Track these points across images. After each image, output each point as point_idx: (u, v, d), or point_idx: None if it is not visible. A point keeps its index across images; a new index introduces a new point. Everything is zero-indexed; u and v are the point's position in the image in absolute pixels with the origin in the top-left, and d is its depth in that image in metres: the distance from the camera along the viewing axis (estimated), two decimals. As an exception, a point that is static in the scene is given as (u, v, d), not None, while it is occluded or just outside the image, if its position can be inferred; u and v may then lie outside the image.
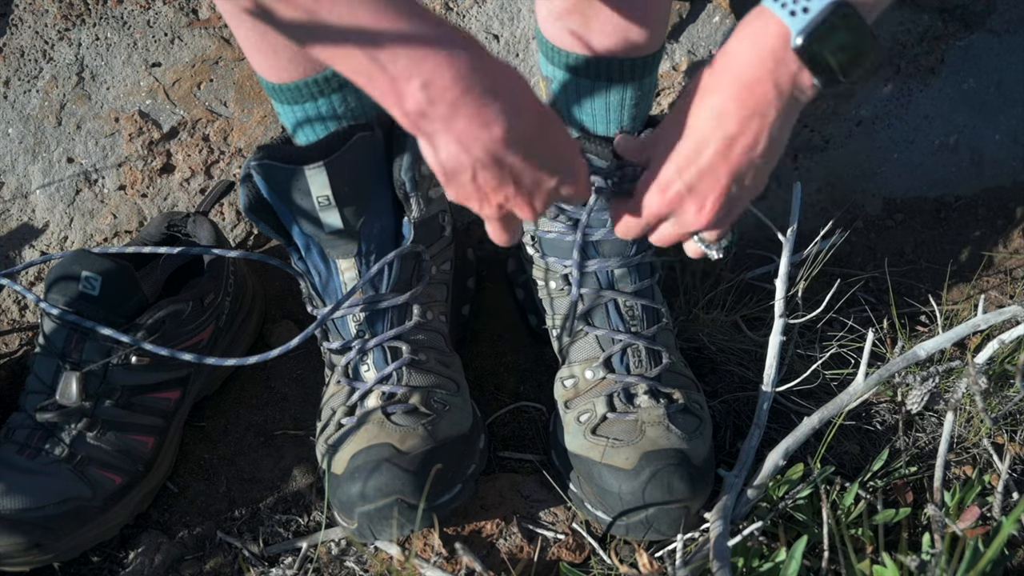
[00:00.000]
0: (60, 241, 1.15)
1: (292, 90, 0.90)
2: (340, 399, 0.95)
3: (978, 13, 1.30)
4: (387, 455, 0.87)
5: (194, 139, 1.16)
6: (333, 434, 0.93)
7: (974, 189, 1.36)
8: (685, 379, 0.99)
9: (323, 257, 0.95)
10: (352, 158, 0.90)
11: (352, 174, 0.90)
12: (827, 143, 1.32)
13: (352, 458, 0.88)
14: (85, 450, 0.94)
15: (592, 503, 0.93)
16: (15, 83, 1.11)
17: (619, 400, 0.95)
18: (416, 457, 0.87)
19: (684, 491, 0.89)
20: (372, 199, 0.94)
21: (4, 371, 1.08)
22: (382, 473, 0.86)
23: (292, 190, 0.90)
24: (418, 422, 0.90)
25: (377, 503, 0.86)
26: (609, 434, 0.93)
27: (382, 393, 0.93)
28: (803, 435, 0.94)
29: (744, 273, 1.22)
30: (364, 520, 0.87)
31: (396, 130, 0.94)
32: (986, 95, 1.35)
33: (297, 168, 0.88)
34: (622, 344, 0.98)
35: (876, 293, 1.21)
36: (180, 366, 1.00)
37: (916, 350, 0.97)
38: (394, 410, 0.91)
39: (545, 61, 0.94)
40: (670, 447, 0.91)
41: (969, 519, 0.90)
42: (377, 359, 0.95)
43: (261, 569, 0.94)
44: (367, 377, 0.95)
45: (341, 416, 0.93)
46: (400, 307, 0.97)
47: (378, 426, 0.90)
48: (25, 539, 0.89)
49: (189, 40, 1.13)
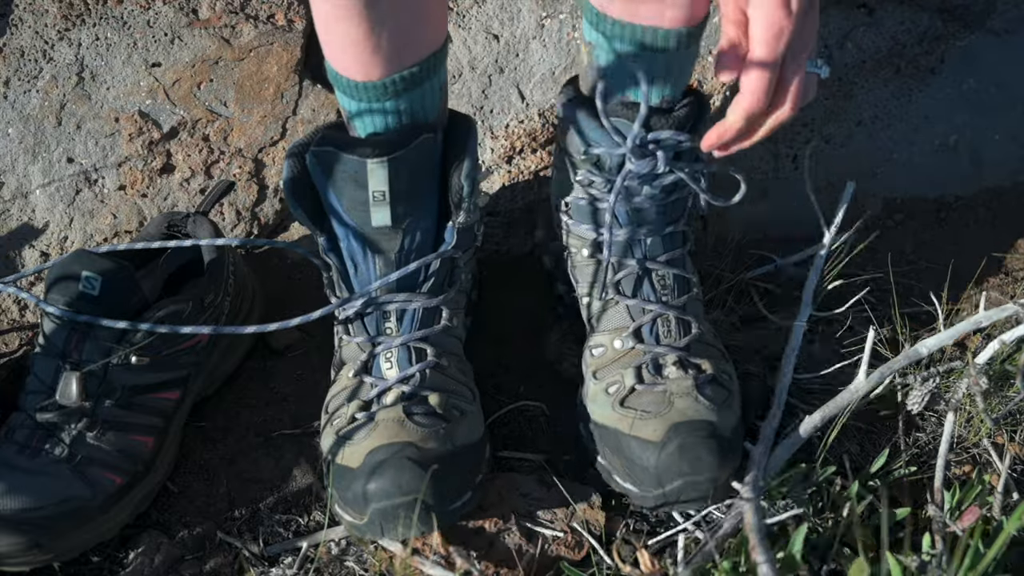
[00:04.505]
0: (60, 241, 1.15)
1: (376, 88, 0.88)
2: (355, 394, 0.94)
3: (978, 13, 1.31)
4: (409, 454, 0.86)
5: (194, 139, 1.16)
6: (345, 427, 0.92)
7: (974, 189, 1.36)
8: (714, 349, 0.99)
9: (362, 250, 0.94)
10: (414, 158, 0.89)
11: (410, 173, 0.90)
12: (827, 143, 1.32)
13: (371, 453, 0.87)
14: (85, 450, 0.94)
15: (620, 475, 0.93)
16: (15, 83, 1.11)
17: (647, 371, 0.95)
18: (437, 459, 0.86)
19: (712, 462, 0.88)
20: (422, 200, 0.93)
21: (4, 371, 1.08)
22: (405, 471, 0.85)
23: (347, 180, 0.89)
24: (438, 425, 0.90)
25: (395, 500, 0.85)
26: (637, 406, 0.93)
27: (402, 392, 0.92)
28: (806, 434, 0.94)
29: (744, 273, 1.22)
30: (377, 516, 0.86)
31: (451, 134, 0.94)
32: (986, 95, 1.35)
33: (360, 160, 0.88)
34: (652, 314, 0.97)
35: (876, 293, 1.21)
36: (181, 366, 1.00)
37: (918, 347, 0.97)
38: (415, 411, 0.91)
39: (589, 27, 0.94)
40: (698, 418, 0.91)
41: (969, 519, 0.90)
42: (401, 358, 0.94)
43: (261, 569, 0.94)
44: (388, 375, 0.94)
45: (355, 411, 0.92)
46: (430, 310, 0.96)
47: (399, 424, 0.89)
48: (25, 539, 0.89)
49: (189, 40, 1.13)
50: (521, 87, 1.23)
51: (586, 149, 0.97)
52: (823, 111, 1.31)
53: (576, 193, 1.00)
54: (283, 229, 1.22)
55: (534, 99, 1.23)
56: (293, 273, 1.20)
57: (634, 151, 0.93)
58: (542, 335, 1.14)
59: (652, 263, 0.98)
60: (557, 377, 1.10)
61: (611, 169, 0.97)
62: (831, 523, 0.92)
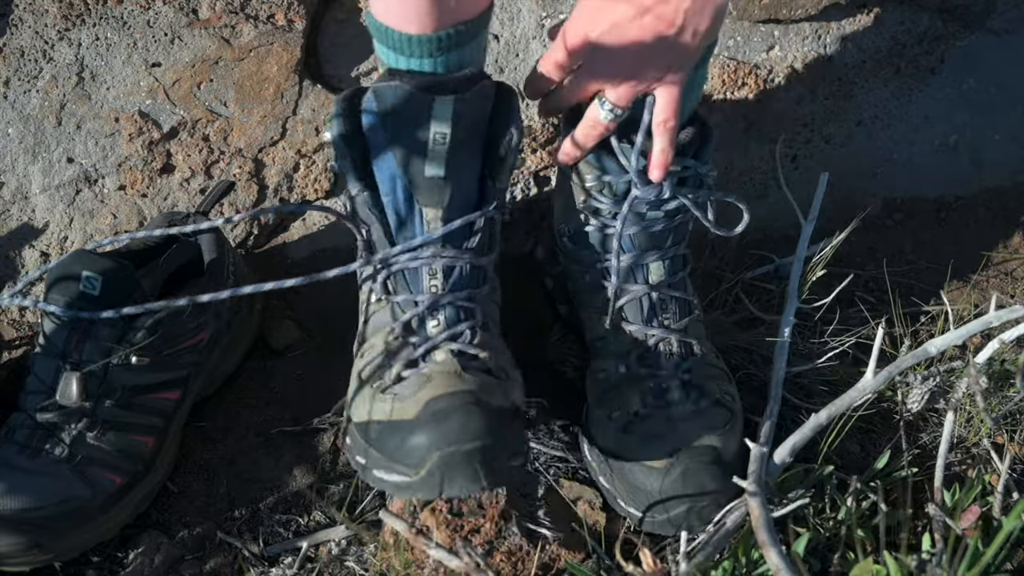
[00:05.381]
0: (60, 241, 1.15)
1: (431, 41, 0.86)
2: (398, 353, 0.89)
3: (978, 13, 1.31)
4: (473, 400, 0.82)
5: (194, 139, 1.16)
6: (391, 385, 0.87)
7: (974, 189, 1.36)
8: (717, 370, 0.99)
9: (408, 202, 0.90)
10: (477, 102, 0.87)
11: (471, 118, 0.88)
12: (827, 143, 1.32)
13: (430, 402, 0.82)
14: (85, 450, 0.94)
15: (624, 500, 0.94)
16: (15, 83, 1.11)
17: (650, 397, 0.95)
18: (498, 413, 0.82)
19: (715, 487, 0.89)
20: (473, 153, 0.91)
21: (4, 371, 1.08)
22: (472, 416, 0.80)
23: (409, 120, 0.86)
24: (493, 380, 0.86)
25: (463, 446, 0.80)
26: (640, 431, 0.93)
27: (451, 350, 0.88)
28: (810, 432, 0.94)
29: (744, 273, 1.22)
30: (439, 467, 0.80)
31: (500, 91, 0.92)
32: (986, 95, 1.35)
33: (426, 96, 0.85)
34: (655, 339, 0.98)
35: (876, 293, 1.21)
36: (181, 366, 1.00)
37: (927, 347, 0.97)
38: (469, 365, 0.87)
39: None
40: (701, 444, 0.91)
41: (969, 519, 0.90)
42: (450, 315, 0.90)
43: (261, 569, 0.94)
44: (434, 332, 0.89)
45: (401, 369, 0.87)
46: (477, 268, 0.92)
47: (456, 376, 0.85)
48: (25, 539, 0.89)
49: (189, 40, 1.13)
50: (521, 87, 1.23)
51: (599, 176, 0.97)
52: (823, 111, 1.31)
53: (581, 219, 1.00)
54: (283, 229, 1.22)
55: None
56: (293, 272, 1.20)
57: (640, 177, 0.94)
58: (542, 335, 1.14)
59: (655, 288, 0.98)
60: (557, 377, 1.10)
61: (618, 195, 0.97)
62: (831, 523, 0.92)
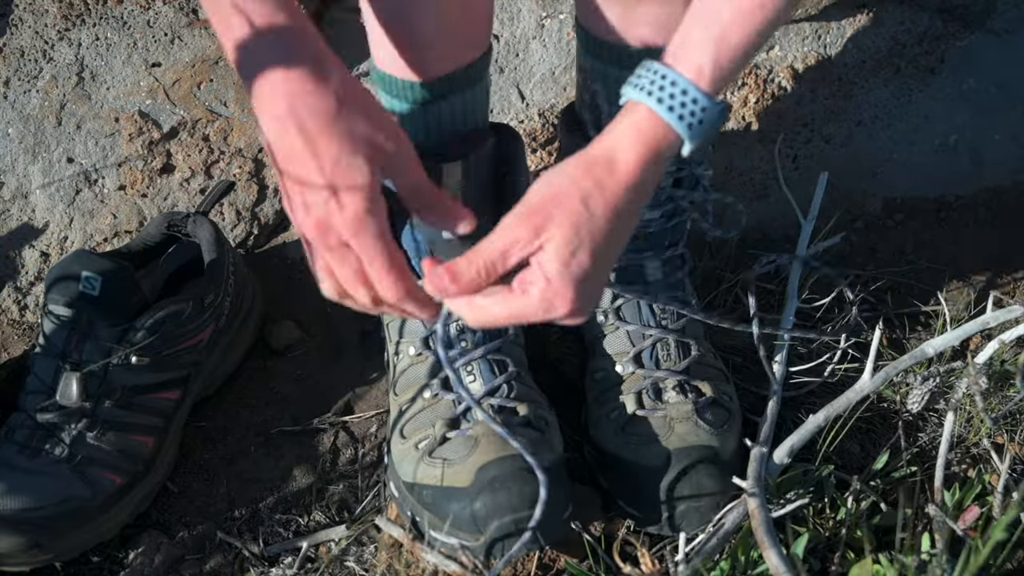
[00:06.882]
0: (60, 241, 1.15)
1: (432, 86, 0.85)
2: (437, 412, 0.92)
3: (978, 13, 1.31)
4: (524, 466, 0.85)
5: (194, 139, 1.16)
6: (437, 446, 0.90)
7: (974, 189, 1.36)
8: (714, 370, 0.99)
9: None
10: (484, 161, 0.87)
11: (480, 177, 0.88)
12: (827, 143, 1.32)
13: (482, 469, 0.86)
14: (85, 450, 0.94)
15: (624, 499, 0.94)
16: (15, 83, 1.11)
17: (648, 396, 0.95)
18: (547, 469, 0.85)
19: (713, 487, 0.89)
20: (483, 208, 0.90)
21: (4, 371, 1.08)
22: (526, 484, 0.84)
23: None
24: (535, 435, 0.89)
25: (520, 513, 0.84)
26: (638, 431, 0.93)
27: (491, 406, 0.91)
28: (808, 432, 0.94)
29: (744, 273, 1.22)
30: (499, 534, 0.84)
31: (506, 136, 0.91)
32: (986, 95, 1.35)
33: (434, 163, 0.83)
34: (652, 339, 0.98)
35: (876, 293, 1.21)
36: (181, 366, 1.00)
37: (924, 347, 0.97)
38: (511, 421, 0.89)
39: (583, 51, 0.92)
40: (699, 443, 0.91)
41: (969, 519, 0.90)
42: (484, 370, 0.93)
43: (261, 569, 0.94)
44: (473, 388, 0.92)
45: (443, 429, 0.90)
46: None
47: (500, 439, 0.87)
48: (25, 539, 0.89)
49: (189, 40, 1.13)
50: (521, 87, 1.23)
51: None
52: (823, 111, 1.31)
53: None
54: (283, 229, 1.22)
55: (534, 99, 1.23)
56: (293, 273, 1.20)
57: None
58: (542, 335, 1.14)
59: (652, 288, 0.98)
60: (557, 377, 1.10)
61: None
62: (831, 523, 0.92)
